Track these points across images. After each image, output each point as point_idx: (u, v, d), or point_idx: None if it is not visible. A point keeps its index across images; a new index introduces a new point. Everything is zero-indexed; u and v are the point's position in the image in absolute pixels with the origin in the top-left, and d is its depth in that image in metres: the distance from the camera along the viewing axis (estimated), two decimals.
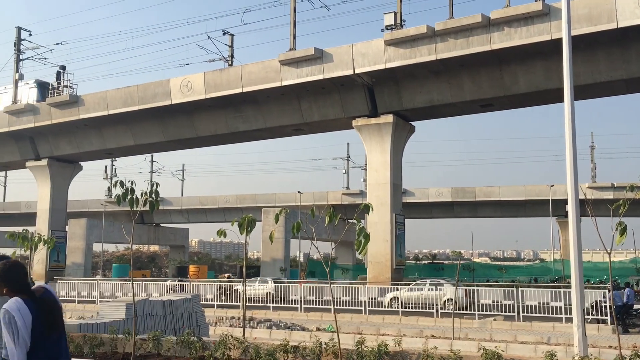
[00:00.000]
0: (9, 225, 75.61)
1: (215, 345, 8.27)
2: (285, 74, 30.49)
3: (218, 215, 72.35)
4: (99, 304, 21.16)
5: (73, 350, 9.08)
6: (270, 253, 47.10)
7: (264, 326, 18.00)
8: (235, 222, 9.92)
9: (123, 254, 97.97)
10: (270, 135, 38.67)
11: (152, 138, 38.48)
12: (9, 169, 61.91)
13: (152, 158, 73.36)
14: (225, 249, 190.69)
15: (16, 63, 40.57)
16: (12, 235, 14.04)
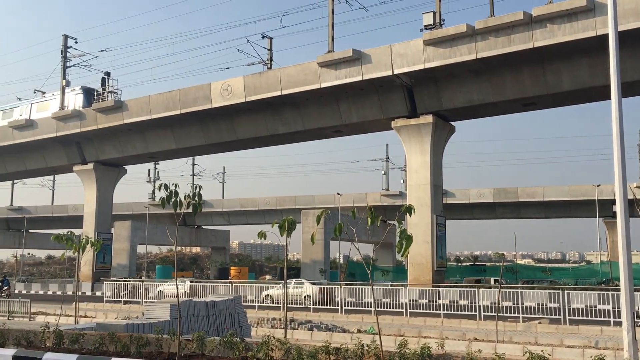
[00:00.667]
0: (57, 227, 77.99)
1: (258, 346, 8.34)
2: (324, 76, 30.57)
3: (258, 217, 73.01)
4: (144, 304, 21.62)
5: (120, 349, 9.30)
6: (310, 255, 47.27)
7: (305, 327, 18.07)
8: (276, 224, 9.99)
9: (166, 256, 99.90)
10: (309, 137, 38.83)
11: (193, 141, 39.11)
12: (57, 173, 63.86)
13: (193, 161, 74.58)
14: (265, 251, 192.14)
15: (63, 70, 41.83)
16: (57, 238, 14.48)
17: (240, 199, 74.21)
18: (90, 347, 9.70)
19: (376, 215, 8.35)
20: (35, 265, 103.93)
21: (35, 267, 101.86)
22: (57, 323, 13.00)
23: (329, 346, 7.97)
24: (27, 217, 73.42)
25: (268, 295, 27.98)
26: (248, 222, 75.67)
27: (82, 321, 18.27)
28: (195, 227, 73.93)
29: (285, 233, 9.96)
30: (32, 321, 21.23)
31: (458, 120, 32.88)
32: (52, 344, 10.04)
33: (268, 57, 35.50)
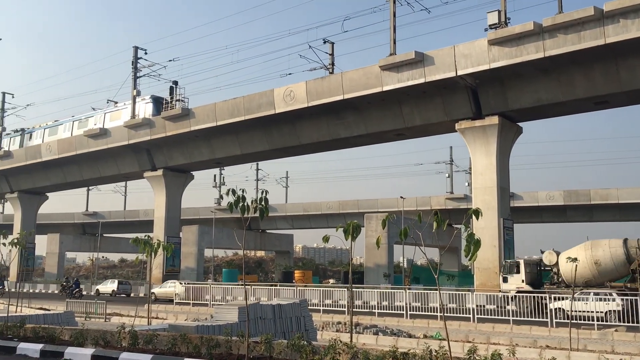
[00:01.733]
0: (129, 232, 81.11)
1: (325, 349, 8.40)
2: (386, 79, 30.44)
3: (321, 221, 73.34)
4: (213, 307, 22.14)
5: (192, 350, 9.57)
6: (373, 259, 47.02)
7: (370, 332, 18.00)
8: (340, 228, 10.02)
9: (232, 259, 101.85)
10: (371, 141, 38.74)
11: (257, 147, 39.79)
12: (129, 179, 66.43)
13: (257, 166, 75.81)
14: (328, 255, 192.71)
15: (134, 80, 43.54)
16: (135, 241, 15.07)
17: (303, 203, 74.79)
18: (164, 347, 10.03)
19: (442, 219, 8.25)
20: (109, 268, 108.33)
21: (109, 269, 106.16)
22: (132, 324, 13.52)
23: (396, 351, 7.92)
24: (101, 222, 76.61)
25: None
26: (311, 226, 76.15)
27: (154, 322, 18.91)
28: (260, 231, 75.07)
29: (349, 237, 9.99)
30: (107, 322, 22.15)
31: (525, 121, 32.00)
32: (128, 344, 10.45)
33: (330, 61, 35.71)
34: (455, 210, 60.36)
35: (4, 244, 15.07)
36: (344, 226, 9.87)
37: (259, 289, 30.21)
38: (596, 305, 21.26)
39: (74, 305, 24.94)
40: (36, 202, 58.34)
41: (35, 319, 14.44)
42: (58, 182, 53.13)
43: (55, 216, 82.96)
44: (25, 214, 56.57)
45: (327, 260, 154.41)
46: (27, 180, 54.72)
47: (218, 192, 74.41)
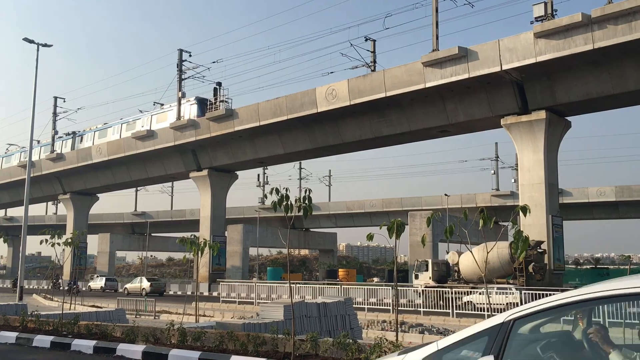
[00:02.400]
0: (176, 231, 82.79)
1: (371, 348, 8.38)
2: (429, 76, 30.11)
3: (365, 220, 73.18)
4: (259, 305, 22.37)
5: (239, 347, 9.71)
6: (417, 256, 46.55)
7: (415, 330, 17.88)
8: (384, 226, 9.98)
9: (276, 258, 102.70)
10: (414, 138, 38.39)
11: (300, 146, 39.98)
12: (175, 180, 67.75)
13: (300, 165, 76.16)
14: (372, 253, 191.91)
15: (179, 82, 44.35)
16: (182, 240, 15.39)
17: (346, 201, 74.78)
18: (212, 344, 10.21)
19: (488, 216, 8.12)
20: (157, 266, 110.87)
21: (157, 268, 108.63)
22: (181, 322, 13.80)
23: None
24: (149, 222, 78.45)
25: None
26: (354, 224, 76.07)
27: (202, 320, 19.23)
28: (304, 230, 75.43)
29: (393, 235, 9.94)
30: (156, 319, 22.66)
31: (574, 115, 31.12)
32: (177, 341, 10.67)
33: (371, 59, 35.52)
34: (501, 208, 59.23)
35: (58, 244, 15.61)
36: (388, 224, 9.83)
37: (303, 287, 30.38)
38: (498, 298, 24.52)
39: (124, 302, 25.62)
40: (87, 203, 60.13)
41: (88, 316, 14.91)
42: (108, 183, 54.63)
43: (105, 216, 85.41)
44: (78, 215, 58.37)
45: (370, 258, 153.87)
46: (78, 182, 56.47)
47: (262, 192, 75.17)
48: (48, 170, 55.22)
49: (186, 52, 44.64)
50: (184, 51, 44.63)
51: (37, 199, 62.76)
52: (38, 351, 11.38)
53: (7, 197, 65.55)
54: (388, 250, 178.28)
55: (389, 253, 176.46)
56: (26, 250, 30.16)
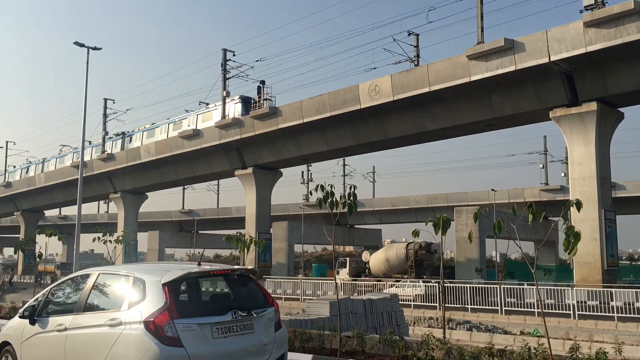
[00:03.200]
0: (222, 228, 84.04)
1: (418, 345, 8.32)
2: (474, 69, 29.59)
3: (409, 216, 72.58)
4: (304, 301, 22.51)
5: None
6: (464, 253, 45.94)
7: (463, 328, 17.66)
8: (430, 222, 9.89)
9: (321, 255, 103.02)
10: (459, 133, 37.83)
11: (343, 142, 39.93)
12: (221, 178, 68.71)
13: (344, 162, 76.17)
14: None
15: (223, 82, 44.95)
16: (228, 238, 15.59)
17: (391, 197, 74.33)
18: None
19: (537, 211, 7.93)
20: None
21: None
22: None
23: (492, 348, 7.72)
24: (196, 220, 79.90)
25: None
26: (399, 220, 75.54)
27: None
28: (348, 227, 75.35)
29: (439, 231, 9.83)
30: None
31: (627, 106, 30.05)
32: None
33: (415, 54, 35.20)
34: (551, 202, 57.75)
35: (110, 241, 16.06)
36: (434, 220, 9.74)
37: (348, 283, 30.37)
38: (408, 290, 29.49)
39: None
40: (137, 202, 61.64)
41: None
42: (156, 182, 55.87)
43: (154, 214, 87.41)
44: (128, 213, 59.92)
45: None
46: (128, 181, 57.96)
47: (306, 189, 75.55)
48: (99, 170, 56.89)
49: (230, 52, 45.22)
50: (228, 51, 45.21)
51: (89, 198, 64.71)
52: None
53: (61, 197, 67.85)
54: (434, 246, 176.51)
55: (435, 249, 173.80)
56: (80, 247, 31.15)
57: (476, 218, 8.90)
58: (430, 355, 8.05)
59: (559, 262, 62.46)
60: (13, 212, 78.62)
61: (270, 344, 6.57)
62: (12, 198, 74.66)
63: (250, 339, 6.36)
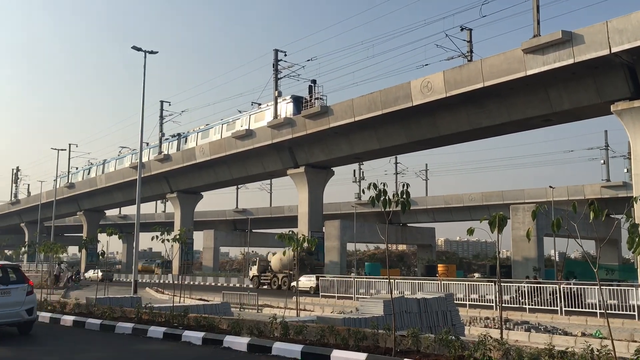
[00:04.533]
0: (275, 227, 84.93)
1: (474, 345, 8.17)
2: (530, 63, 28.82)
3: (463, 214, 71.46)
4: (358, 300, 22.50)
5: (340, 342, 9.79)
6: (521, 252, 44.88)
7: (521, 328, 17.23)
8: (485, 220, 9.68)
9: (373, 253, 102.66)
10: (515, 129, 36.97)
11: (395, 140, 39.66)
12: (273, 177, 69.54)
13: (396, 160, 75.59)
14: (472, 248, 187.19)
15: (275, 82, 45.38)
16: (280, 236, 15.75)
17: (444, 195, 73.35)
18: (313, 338, 10.38)
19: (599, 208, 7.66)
20: None
21: None
22: (283, 315, 14.15)
23: (553, 349, 7.50)
24: (250, 218, 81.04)
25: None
26: (453, 219, 74.49)
27: (302, 314, 19.62)
28: (401, 225, 74.82)
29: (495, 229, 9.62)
30: (259, 312, 23.38)
31: None
32: (280, 334, 10.95)
33: (468, 49, 34.55)
34: (613, 200, 55.71)
35: (168, 240, 16.48)
36: (489, 218, 9.53)
37: (402, 282, 30.14)
38: (306, 282, 37.32)
39: (229, 296, 26.65)
40: (193, 201, 63.08)
41: (196, 309, 15.63)
42: (210, 181, 57.01)
43: (209, 214, 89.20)
44: (184, 212, 61.40)
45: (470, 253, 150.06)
46: (184, 181, 59.38)
47: (358, 187, 75.42)
48: (156, 170, 58.51)
49: (281, 52, 45.59)
50: (280, 51, 45.59)
51: (147, 198, 66.64)
52: (152, 341, 12.08)
53: (121, 197, 70.15)
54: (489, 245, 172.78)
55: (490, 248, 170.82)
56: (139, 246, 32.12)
57: (534, 216, 8.64)
58: (487, 355, 7.90)
59: (622, 261, 60.13)
60: (76, 212, 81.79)
61: (21, 302, 12.57)
62: (75, 198, 77.71)
63: (9, 299, 12.40)
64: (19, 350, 11.34)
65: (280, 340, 10.44)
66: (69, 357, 10.62)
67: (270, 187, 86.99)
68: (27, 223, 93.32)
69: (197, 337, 11.60)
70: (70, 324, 14.93)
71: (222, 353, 10.55)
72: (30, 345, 12.05)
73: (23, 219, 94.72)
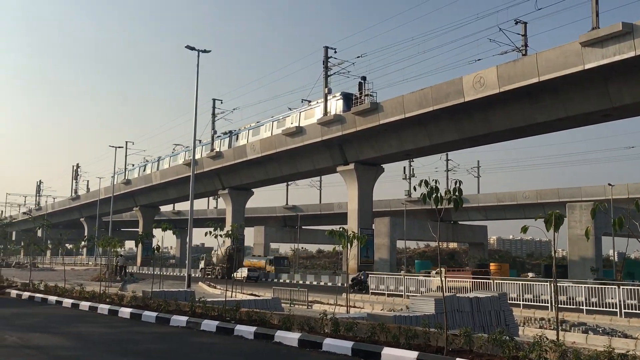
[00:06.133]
0: (325, 224, 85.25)
1: (530, 346, 7.99)
2: (588, 56, 27.87)
3: (517, 212, 69.88)
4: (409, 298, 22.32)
5: (390, 339, 9.76)
6: (578, 251, 43.56)
7: (578, 330, 16.72)
8: (540, 218, 9.44)
9: (424, 251, 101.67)
10: (572, 125, 35.85)
11: (446, 137, 39.11)
12: (322, 174, 69.79)
13: (447, 156, 74.56)
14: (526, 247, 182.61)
15: (325, 79, 45.44)
16: (331, 233, 15.79)
17: (497, 193, 71.91)
18: (363, 335, 10.37)
19: None
20: (308, 258, 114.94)
21: (308, 259, 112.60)
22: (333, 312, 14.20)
23: (612, 352, 7.26)
24: (299, 215, 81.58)
25: None
26: (506, 217, 72.97)
27: (352, 311, 19.62)
28: (452, 223, 73.83)
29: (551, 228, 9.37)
30: (309, 309, 23.53)
31: None
32: (330, 330, 10.99)
33: (522, 43, 33.69)
34: None
35: (220, 236, 16.79)
36: (544, 216, 9.30)
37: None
38: (240, 274, 46.21)
39: (279, 292, 26.92)
40: (244, 198, 63.98)
41: (247, 303, 15.87)
42: (261, 178, 57.66)
43: (260, 210, 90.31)
44: (235, 208, 62.35)
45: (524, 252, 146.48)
46: (235, 178, 60.29)
47: (408, 184, 74.75)
48: (209, 167, 59.62)
49: (331, 49, 45.59)
50: (330, 48, 45.61)
51: (199, 194, 67.99)
52: (205, 335, 12.35)
53: (175, 193, 71.85)
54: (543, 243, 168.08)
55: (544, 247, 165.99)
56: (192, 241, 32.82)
57: (594, 214, 8.37)
58: (543, 357, 7.71)
59: None
60: (132, 208, 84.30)
61: None
62: (132, 195, 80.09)
63: None
64: (78, 340, 11.80)
65: (330, 337, 10.48)
66: (127, 348, 10.97)
67: (319, 184, 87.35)
68: (86, 218, 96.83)
69: (249, 331, 11.77)
70: (128, 316, 15.42)
71: (274, 348, 10.68)
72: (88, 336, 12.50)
73: (83, 214, 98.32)
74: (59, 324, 14.26)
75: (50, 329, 13.34)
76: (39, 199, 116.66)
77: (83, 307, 17.81)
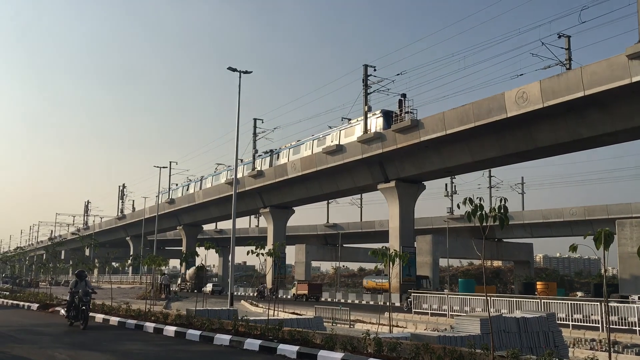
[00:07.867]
0: (366, 242, 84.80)
1: None
2: (636, 69, 27.16)
3: (564, 229, 68.06)
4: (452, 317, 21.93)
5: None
6: (629, 269, 42.04)
7: (631, 352, 16.10)
8: (589, 236, 9.20)
9: (467, 269, 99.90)
10: (620, 139, 34.87)
11: (489, 153, 38.55)
12: (363, 192, 69.59)
13: (489, 173, 73.41)
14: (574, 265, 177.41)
15: (365, 97, 45.54)
16: (373, 252, 15.71)
17: (542, 210, 70.25)
18: (407, 355, 10.22)
19: None
20: (349, 276, 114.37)
21: (350, 278, 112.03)
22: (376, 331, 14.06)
23: None
24: (340, 233, 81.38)
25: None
26: (552, 234, 71.12)
27: (395, 330, 19.39)
28: (496, 240, 72.39)
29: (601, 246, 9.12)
30: (351, 328, 23.36)
31: None
32: (373, 350, 10.87)
33: (566, 57, 33.12)
34: None
35: (262, 254, 16.87)
36: (593, 234, 9.06)
37: (498, 300, 29.06)
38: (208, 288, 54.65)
39: (322, 310, 26.84)
40: (285, 216, 64.29)
41: (290, 322, 15.87)
42: (302, 196, 57.90)
43: (300, 228, 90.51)
44: (277, 227, 62.69)
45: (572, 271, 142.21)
46: (276, 196, 60.71)
47: (450, 202, 73.85)
48: (250, 186, 60.25)
49: (371, 67, 45.71)
50: (369, 66, 45.74)
51: (241, 213, 68.65)
52: (248, 353, 12.39)
53: (217, 212, 72.78)
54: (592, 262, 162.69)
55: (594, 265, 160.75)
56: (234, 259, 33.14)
57: None
58: None
59: None
60: (176, 227, 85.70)
61: None
62: (175, 214, 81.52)
63: None
64: (126, 357, 12.00)
65: (373, 357, 10.36)
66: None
67: (360, 202, 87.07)
68: (132, 237, 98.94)
69: (291, 350, 11.75)
70: (172, 334, 15.62)
71: None
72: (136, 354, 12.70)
73: (128, 233, 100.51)
74: (107, 342, 14.55)
75: (98, 346, 13.62)
76: (87, 218, 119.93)
77: (129, 325, 18.14)
